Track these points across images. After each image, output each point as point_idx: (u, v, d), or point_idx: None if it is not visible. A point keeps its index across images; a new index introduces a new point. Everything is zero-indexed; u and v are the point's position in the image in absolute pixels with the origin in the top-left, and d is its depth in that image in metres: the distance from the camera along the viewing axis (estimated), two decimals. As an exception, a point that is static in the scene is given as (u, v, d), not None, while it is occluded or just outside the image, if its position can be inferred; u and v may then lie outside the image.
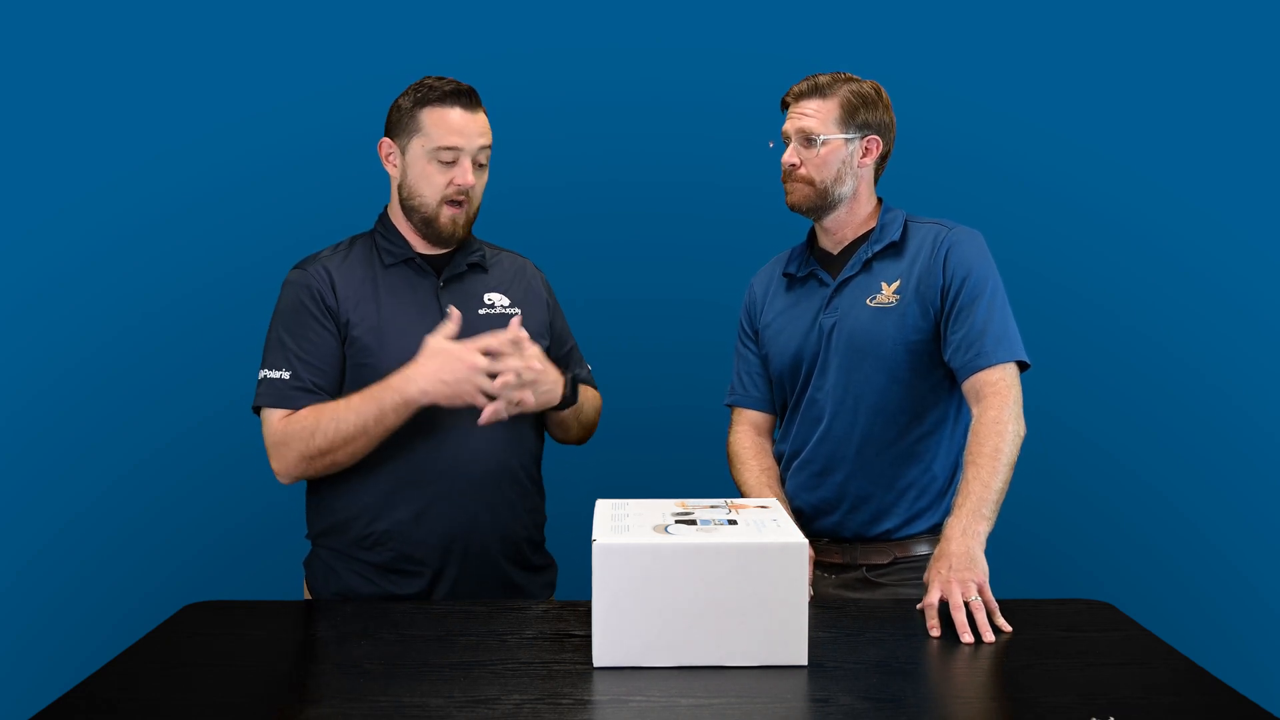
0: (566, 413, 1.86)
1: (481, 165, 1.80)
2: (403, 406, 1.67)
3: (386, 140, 1.82)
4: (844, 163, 1.85)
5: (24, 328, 2.49)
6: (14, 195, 2.48)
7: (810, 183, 1.84)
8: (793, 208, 1.87)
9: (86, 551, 2.52)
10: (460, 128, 1.76)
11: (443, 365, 1.66)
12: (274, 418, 1.74)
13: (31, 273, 2.49)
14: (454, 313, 1.70)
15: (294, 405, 1.73)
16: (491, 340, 1.68)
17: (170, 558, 2.55)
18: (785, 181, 1.86)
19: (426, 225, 1.80)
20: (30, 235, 2.49)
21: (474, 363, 1.65)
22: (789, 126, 1.86)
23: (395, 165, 1.82)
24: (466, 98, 1.77)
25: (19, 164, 2.48)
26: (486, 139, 1.79)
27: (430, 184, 1.78)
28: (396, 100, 1.81)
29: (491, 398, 1.68)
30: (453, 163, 1.76)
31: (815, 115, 1.83)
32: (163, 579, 2.52)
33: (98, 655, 1.51)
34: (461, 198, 1.78)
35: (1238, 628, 2.56)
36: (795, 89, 1.87)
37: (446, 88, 1.77)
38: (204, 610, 1.62)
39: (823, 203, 1.86)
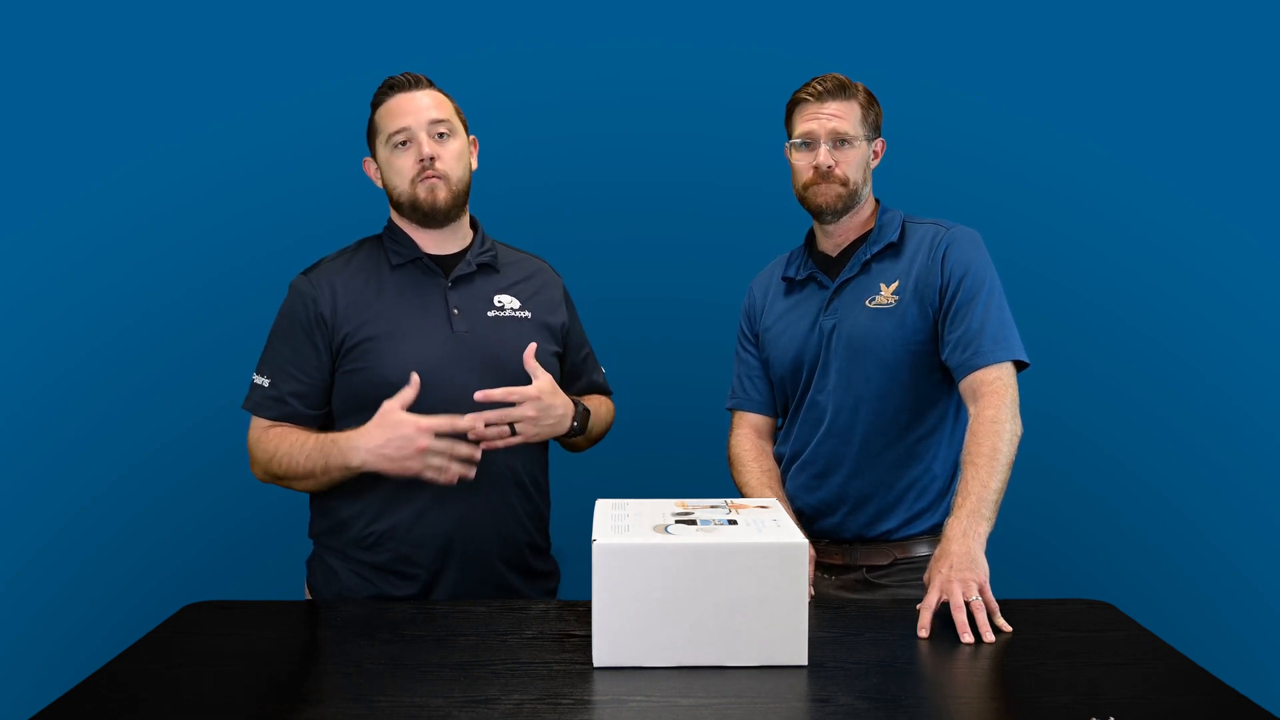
0: (575, 441, 1.88)
1: (443, 135, 1.79)
2: (345, 470, 1.69)
3: (368, 159, 1.87)
4: (866, 164, 1.86)
5: (24, 327, 2.49)
6: (14, 195, 2.48)
7: (845, 183, 1.84)
8: (823, 209, 1.85)
9: (86, 551, 2.52)
10: (404, 109, 1.78)
11: (389, 441, 1.64)
12: (252, 424, 1.79)
13: (31, 272, 2.49)
14: (414, 379, 1.67)
15: (265, 414, 1.78)
16: (448, 422, 1.65)
17: (170, 558, 2.55)
18: (816, 183, 1.84)
19: (414, 210, 1.80)
20: (30, 235, 2.49)
21: (424, 445, 1.63)
22: (817, 127, 1.83)
23: (378, 176, 1.85)
24: (405, 84, 1.80)
25: (19, 164, 2.48)
26: (436, 112, 1.79)
27: (397, 172, 1.79)
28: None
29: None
30: (407, 142, 1.78)
31: (845, 116, 1.83)
32: (163, 579, 2.52)
33: (98, 655, 1.51)
34: (430, 172, 1.77)
35: (1238, 628, 2.56)
36: (819, 87, 1.84)
37: (388, 82, 1.81)
38: (204, 610, 1.62)
39: (851, 204, 1.86)
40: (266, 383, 1.78)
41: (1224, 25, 2.54)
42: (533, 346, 1.74)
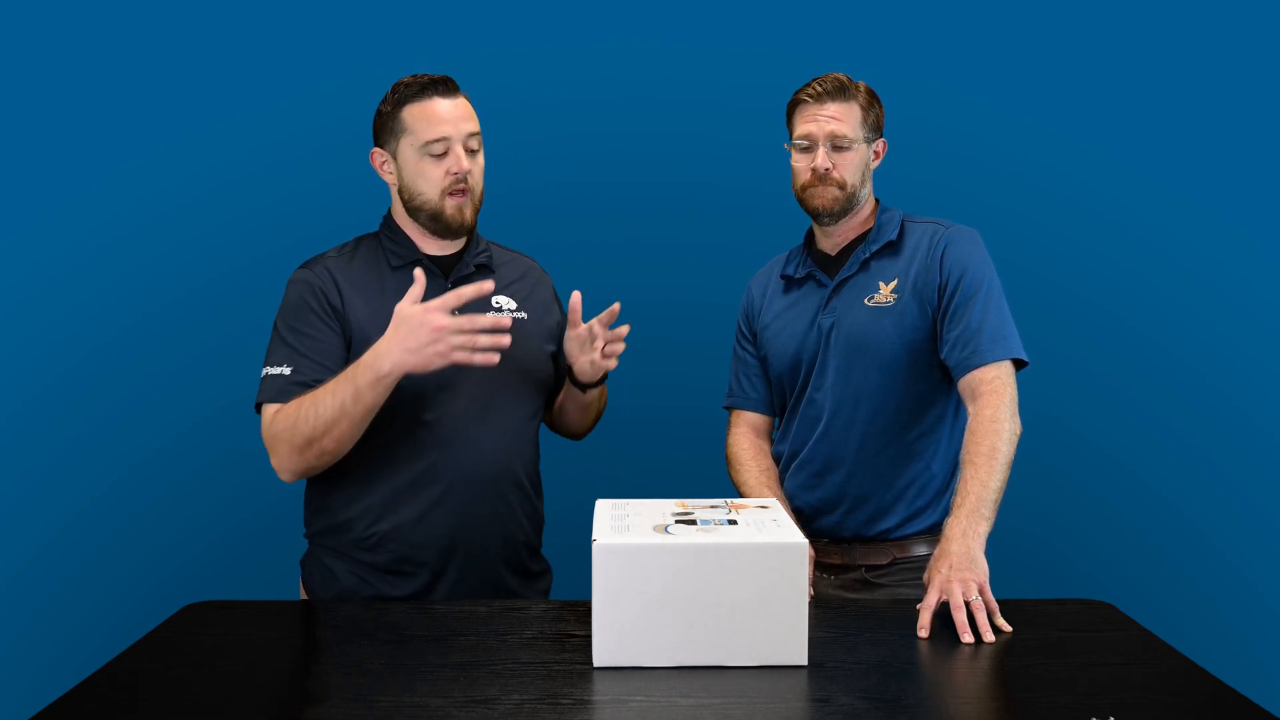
0: (591, 394, 1.87)
1: (474, 151, 1.77)
2: (377, 383, 1.61)
3: (377, 150, 1.81)
4: (866, 166, 1.86)
5: (24, 327, 2.49)
6: (14, 195, 2.48)
7: (843, 186, 1.83)
8: (820, 211, 1.85)
9: (86, 551, 2.52)
10: (444, 116, 1.74)
11: (408, 334, 1.58)
12: (268, 414, 1.70)
13: (31, 272, 2.49)
14: (419, 275, 1.63)
15: (290, 399, 1.69)
16: (459, 295, 1.60)
17: (170, 558, 2.55)
18: (813, 185, 1.84)
19: (435, 221, 1.78)
20: (30, 235, 2.49)
21: (439, 324, 1.57)
22: (815, 129, 1.82)
23: (390, 172, 1.80)
24: (443, 86, 1.75)
25: (19, 164, 2.48)
26: (473, 124, 1.77)
27: (427, 180, 1.76)
28: (378, 107, 1.80)
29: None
30: (444, 154, 1.74)
31: (844, 118, 1.82)
32: (163, 579, 2.52)
33: (98, 655, 1.51)
34: (461, 185, 1.75)
35: (1238, 628, 2.56)
36: (818, 88, 1.83)
37: (422, 81, 1.75)
38: (204, 610, 1.62)
39: (849, 206, 1.86)
40: (288, 370, 1.70)
41: (1224, 25, 2.54)
42: (578, 294, 1.76)
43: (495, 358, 1.61)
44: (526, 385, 1.82)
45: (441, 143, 1.74)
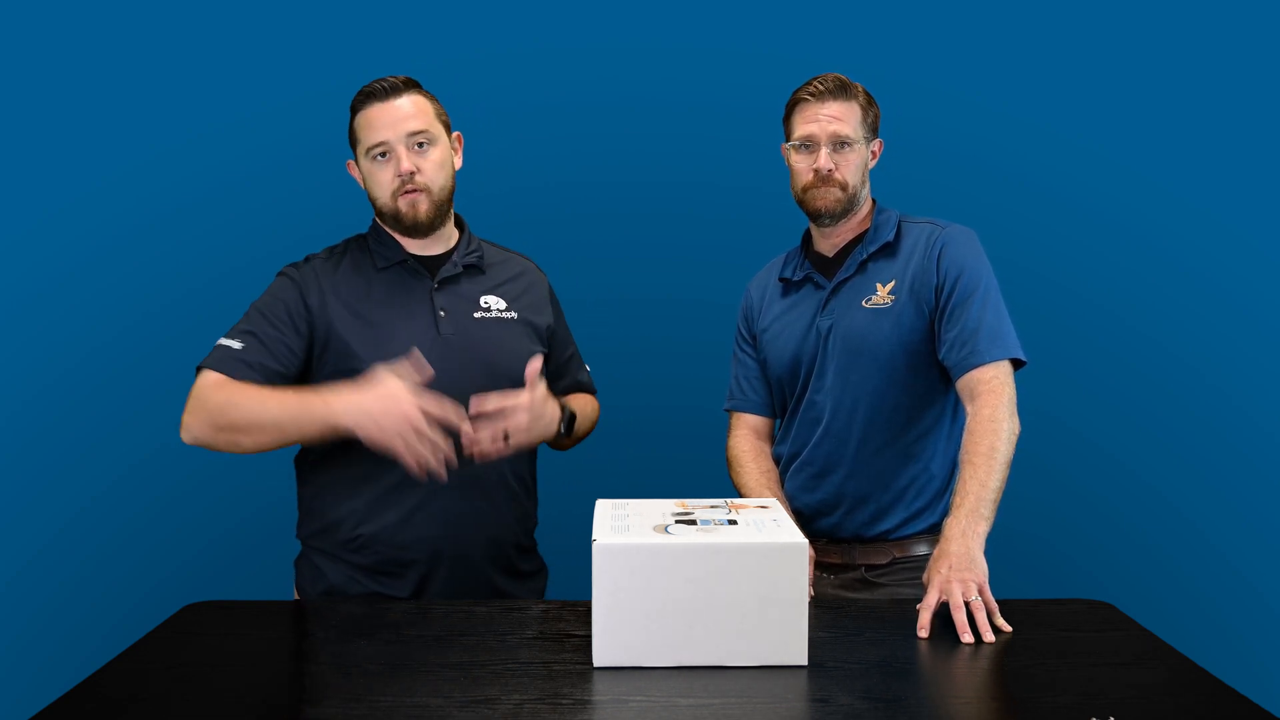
0: (566, 443, 1.87)
1: (423, 146, 1.76)
2: (326, 427, 1.62)
3: (352, 162, 1.85)
4: (865, 166, 1.85)
5: (23, 327, 2.49)
6: (14, 195, 2.48)
7: (844, 188, 1.83)
8: (822, 212, 1.84)
9: (86, 551, 2.52)
10: (381, 121, 1.75)
11: (382, 407, 1.58)
12: (204, 377, 1.68)
13: (31, 272, 2.49)
14: (417, 356, 1.63)
15: (231, 374, 1.68)
16: (441, 412, 1.59)
17: (170, 558, 2.55)
18: (815, 187, 1.83)
19: (395, 222, 1.79)
20: (30, 235, 2.49)
21: (413, 418, 1.57)
22: (817, 129, 1.82)
23: (360, 179, 1.84)
24: (383, 92, 1.76)
25: (19, 164, 2.48)
26: (416, 122, 1.75)
27: (378, 184, 1.78)
28: None
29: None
30: (386, 155, 1.76)
31: (845, 118, 1.81)
32: (163, 579, 2.52)
33: (98, 654, 1.51)
34: (410, 186, 1.76)
35: (1238, 628, 2.56)
36: (819, 87, 1.82)
37: (368, 90, 1.77)
38: (205, 610, 1.62)
39: (850, 207, 1.85)
40: (239, 345, 1.71)
41: (1224, 25, 2.54)
42: (538, 360, 1.70)
43: (441, 473, 1.62)
44: (514, 386, 1.81)
45: (381, 146, 1.75)
